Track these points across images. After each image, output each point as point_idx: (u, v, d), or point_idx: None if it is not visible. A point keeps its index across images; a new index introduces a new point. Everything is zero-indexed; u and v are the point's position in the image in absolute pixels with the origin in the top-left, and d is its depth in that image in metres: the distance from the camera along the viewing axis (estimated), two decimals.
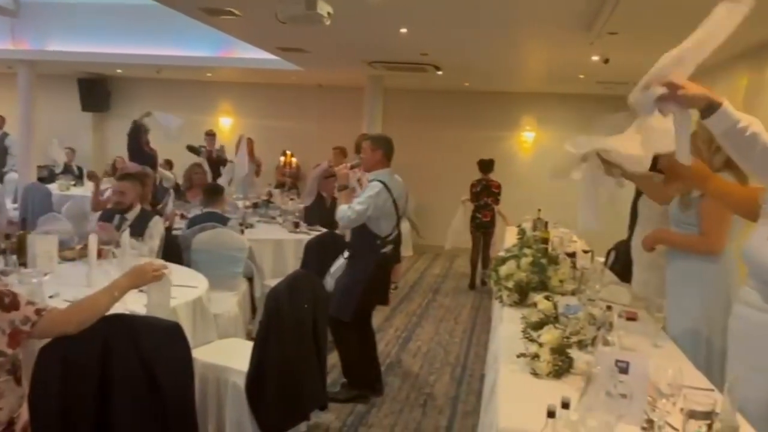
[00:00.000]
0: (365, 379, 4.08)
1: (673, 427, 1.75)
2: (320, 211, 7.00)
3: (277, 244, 5.65)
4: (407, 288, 7.64)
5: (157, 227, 4.39)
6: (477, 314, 6.58)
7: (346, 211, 3.96)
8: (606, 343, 2.18)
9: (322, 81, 10.40)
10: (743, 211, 2.31)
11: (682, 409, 1.74)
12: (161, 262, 2.53)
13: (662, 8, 4.26)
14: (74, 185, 9.33)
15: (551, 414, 1.51)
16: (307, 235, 6.01)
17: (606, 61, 5.95)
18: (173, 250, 4.48)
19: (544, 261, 3.76)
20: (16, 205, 8.37)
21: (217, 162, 8.72)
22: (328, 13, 4.29)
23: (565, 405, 1.55)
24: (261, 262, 5.41)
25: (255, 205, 6.97)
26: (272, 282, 5.19)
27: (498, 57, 7.06)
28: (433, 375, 4.69)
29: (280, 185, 9.16)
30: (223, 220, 5.12)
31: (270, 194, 8.02)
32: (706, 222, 2.64)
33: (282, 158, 9.69)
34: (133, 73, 11.07)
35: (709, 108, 1.85)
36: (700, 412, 1.68)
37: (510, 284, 3.57)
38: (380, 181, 4.00)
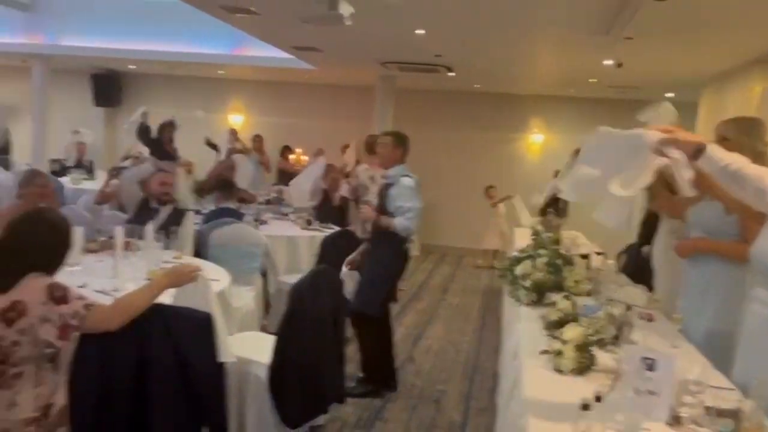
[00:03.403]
0: (381, 374, 4.14)
1: (698, 425, 1.80)
2: (329, 209, 7.07)
3: (291, 241, 5.70)
4: (416, 287, 7.69)
5: (189, 224, 4.46)
6: (486, 314, 6.63)
7: (407, 221, 3.96)
8: (630, 341, 2.24)
9: (332, 80, 10.44)
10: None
11: (707, 408, 1.79)
12: (197, 263, 2.59)
13: (680, 15, 4.31)
14: (86, 179, 9.40)
15: (586, 407, 1.56)
16: (320, 232, 6.08)
17: (620, 65, 5.99)
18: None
19: (559, 262, 3.81)
20: None
21: None
22: (350, 14, 4.34)
23: (598, 399, 1.60)
24: (275, 258, 5.46)
25: (268, 202, 7.02)
26: (286, 278, 5.26)
27: (511, 60, 7.11)
28: (444, 372, 4.75)
29: (283, 182, 9.18)
30: (238, 216, 5.18)
31: (280, 191, 8.07)
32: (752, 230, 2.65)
33: (291, 156, 9.74)
34: (146, 69, 11.14)
35: (697, 152, 1.95)
36: (726, 410, 1.74)
37: (527, 283, 3.63)
38: (408, 175, 4.06)
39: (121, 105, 11.66)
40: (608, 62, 6.33)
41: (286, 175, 9.12)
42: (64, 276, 2.79)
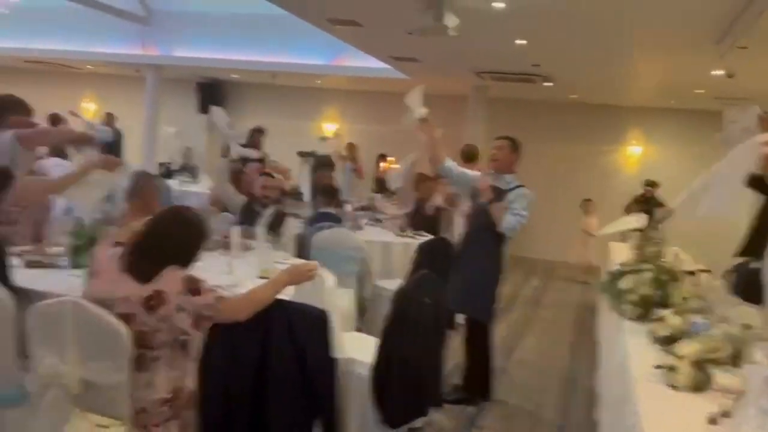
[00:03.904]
0: (478, 383, 4.16)
1: None
2: (421, 218, 7.15)
3: (386, 247, 5.82)
4: (507, 299, 7.63)
5: (290, 227, 4.67)
6: (580, 329, 6.50)
7: (515, 222, 3.95)
8: (752, 360, 2.17)
9: (425, 89, 10.54)
10: None
11: None
12: (314, 263, 2.74)
13: None
14: (191, 182, 9.96)
15: (713, 421, 1.55)
16: (413, 239, 6.18)
17: (731, 75, 5.75)
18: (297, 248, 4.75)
19: (664, 277, 3.72)
20: None
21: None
22: (455, 25, 4.42)
23: (726, 414, 1.58)
24: (370, 263, 5.59)
25: (363, 208, 7.19)
26: (381, 283, 5.38)
27: (613, 70, 6.97)
28: (539, 385, 4.71)
29: (379, 190, 9.37)
30: (338, 221, 5.35)
31: (372, 199, 8.24)
32: None
33: (382, 164, 9.92)
34: (248, 79, 11.67)
35: None
36: None
37: (634, 298, 3.56)
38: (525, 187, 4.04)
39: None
40: (718, 72, 6.09)
41: (382, 183, 9.32)
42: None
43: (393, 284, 4.18)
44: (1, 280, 2.61)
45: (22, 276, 2.87)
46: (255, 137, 8.20)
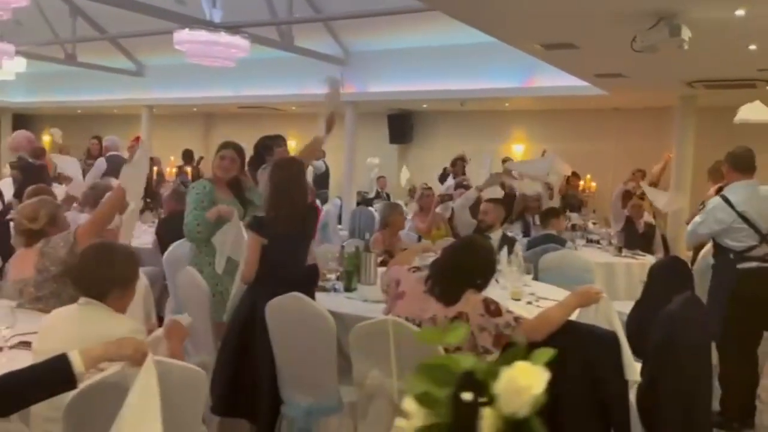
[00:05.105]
0: (739, 410, 3.92)
1: None
2: (632, 235, 6.90)
3: (608, 267, 5.70)
4: None
5: (517, 250, 4.78)
6: None
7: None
8: None
9: (620, 104, 10.21)
10: None
11: None
12: (599, 287, 2.82)
13: None
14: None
15: None
16: (633, 259, 6.00)
17: None
18: None
19: None
20: (340, 226, 9.71)
21: None
22: (689, 37, 4.29)
23: None
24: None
25: (572, 228, 7.10)
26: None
27: None
28: None
29: (575, 208, 9.18)
30: (562, 242, 5.36)
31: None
32: None
33: (581, 182, 9.72)
34: (437, 107, 12.09)
35: None
36: None
37: None
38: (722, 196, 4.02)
39: (412, 141, 12.81)
40: None
41: (578, 202, 9.16)
42: None
43: (622, 306, 4.10)
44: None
45: None
46: (458, 166, 8.51)
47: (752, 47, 5.33)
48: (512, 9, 4.62)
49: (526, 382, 0.94)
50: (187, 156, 10.77)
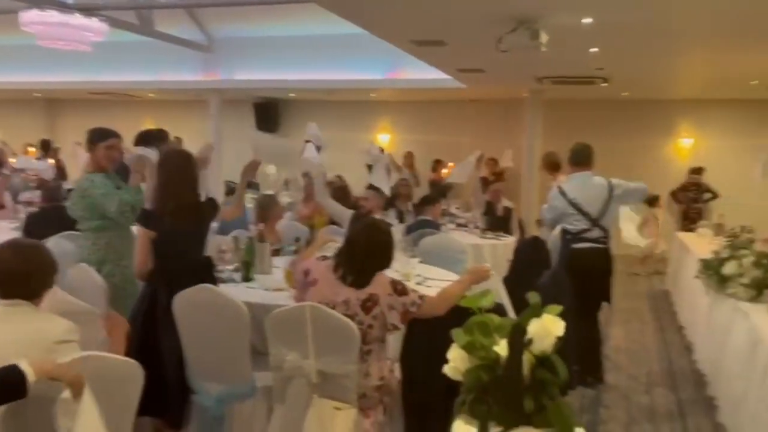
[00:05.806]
0: (591, 366, 4.53)
1: None
2: (493, 218, 7.56)
3: (477, 249, 6.22)
4: None
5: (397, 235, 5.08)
6: (660, 316, 6.83)
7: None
8: None
9: (476, 96, 10.94)
10: None
11: None
12: (488, 265, 3.16)
13: None
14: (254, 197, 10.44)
15: None
16: (497, 240, 6.60)
17: None
18: None
19: (765, 261, 4.08)
20: None
21: None
22: (546, 41, 4.80)
23: None
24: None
25: (443, 213, 7.57)
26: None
27: (670, 68, 7.30)
28: (643, 369, 5.05)
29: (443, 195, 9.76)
30: (437, 227, 5.76)
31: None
32: None
33: (444, 170, 10.33)
34: (303, 96, 12.16)
35: None
36: None
37: (745, 281, 3.93)
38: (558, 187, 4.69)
39: (278, 129, 12.79)
40: None
41: (441, 188, 9.72)
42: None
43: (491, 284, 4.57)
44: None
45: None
46: None
47: (593, 50, 6.04)
48: (389, 7, 4.87)
49: (551, 327, 1.44)
50: (46, 146, 10.07)
